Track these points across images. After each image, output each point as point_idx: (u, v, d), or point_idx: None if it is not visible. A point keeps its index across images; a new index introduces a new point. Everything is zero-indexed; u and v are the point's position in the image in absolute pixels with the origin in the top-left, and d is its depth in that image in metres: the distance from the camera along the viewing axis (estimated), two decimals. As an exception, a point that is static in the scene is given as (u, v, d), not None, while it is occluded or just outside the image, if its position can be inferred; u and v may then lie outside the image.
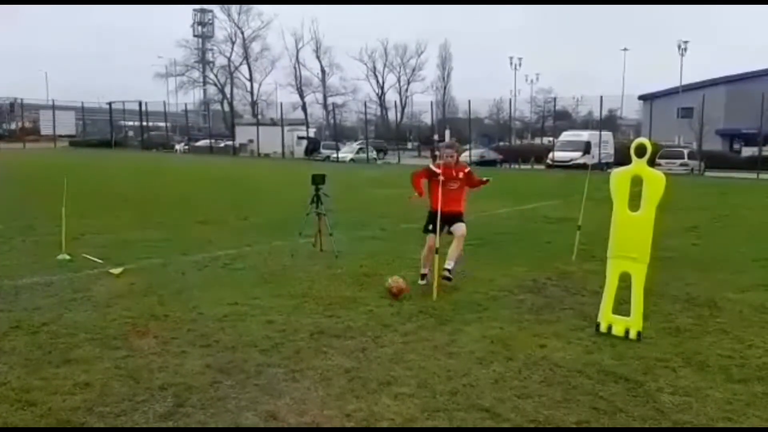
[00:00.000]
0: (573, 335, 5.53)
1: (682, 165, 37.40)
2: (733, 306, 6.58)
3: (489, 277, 7.71)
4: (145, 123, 63.36)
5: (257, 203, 16.10)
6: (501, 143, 57.02)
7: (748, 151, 45.24)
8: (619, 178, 5.60)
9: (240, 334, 5.39)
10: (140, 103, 61.62)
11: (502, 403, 4.09)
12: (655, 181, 5.37)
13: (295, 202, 12.73)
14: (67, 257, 8.35)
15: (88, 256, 8.43)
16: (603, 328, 5.59)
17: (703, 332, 5.70)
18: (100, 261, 8.23)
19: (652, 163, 5.55)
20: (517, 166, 44.41)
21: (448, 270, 7.11)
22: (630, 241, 5.53)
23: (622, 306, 5.66)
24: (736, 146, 52.85)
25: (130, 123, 68.37)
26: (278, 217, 12.69)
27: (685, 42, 59.01)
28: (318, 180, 8.96)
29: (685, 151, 40.06)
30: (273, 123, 55.69)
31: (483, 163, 44.84)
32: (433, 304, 6.44)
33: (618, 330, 5.49)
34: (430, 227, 7.16)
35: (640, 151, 5.47)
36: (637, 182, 5.54)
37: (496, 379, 4.52)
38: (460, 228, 7.33)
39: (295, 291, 6.91)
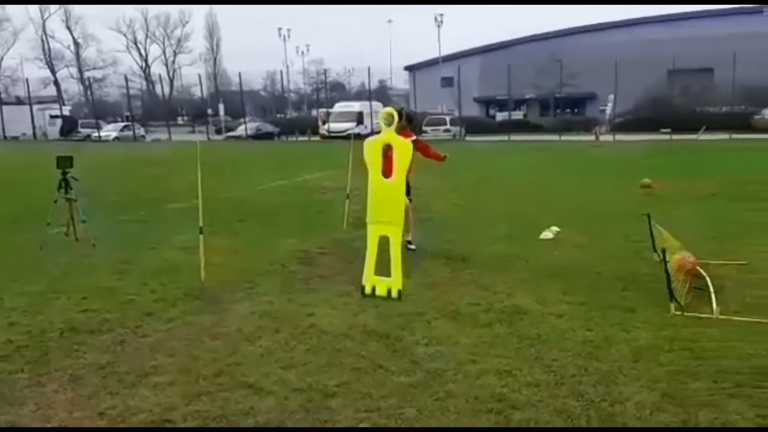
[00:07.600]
0: (340, 301, 5.70)
1: (445, 131, 40.42)
2: (481, 258, 7.25)
3: (260, 252, 7.65)
4: None
5: None
6: (278, 116, 56.91)
7: (501, 116, 50.11)
8: (372, 146, 5.83)
9: (-28, 343, 4.73)
10: None
11: (267, 377, 4.08)
12: (402, 148, 5.67)
13: (46, 189, 11.46)
14: None
15: None
16: (368, 290, 5.83)
17: (457, 284, 6.22)
18: None
19: (418, 130, 5.86)
20: (294, 138, 44.66)
21: (409, 241, 7.53)
22: (385, 206, 5.80)
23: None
24: (492, 112, 57.99)
25: None
26: (26, 208, 11.33)
27: (441, 15, 63.24)
28: (63, 163, 8.09)
29: (448, 118, 43.27)
30: (19, 102, 49.74)
31: (260, 136, 44.51)
32: (201, 285, 6.20)
33: (381, 290, 5.77)
34: None
35: (389, 120, 5.73)
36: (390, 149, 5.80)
37: (262, 354, 4.49)
38: None
39: (44, 287, 6.24)
